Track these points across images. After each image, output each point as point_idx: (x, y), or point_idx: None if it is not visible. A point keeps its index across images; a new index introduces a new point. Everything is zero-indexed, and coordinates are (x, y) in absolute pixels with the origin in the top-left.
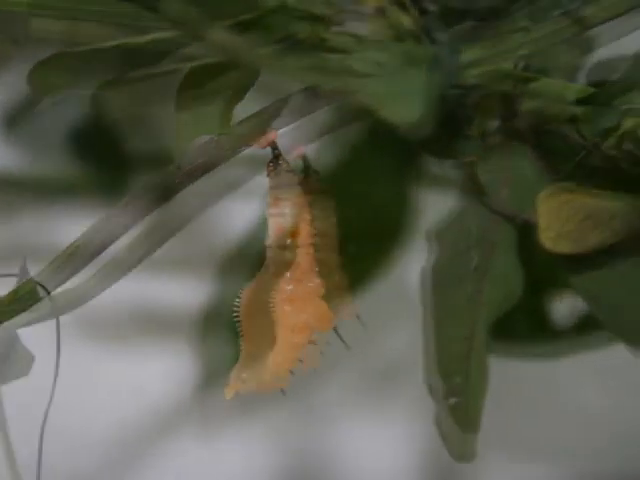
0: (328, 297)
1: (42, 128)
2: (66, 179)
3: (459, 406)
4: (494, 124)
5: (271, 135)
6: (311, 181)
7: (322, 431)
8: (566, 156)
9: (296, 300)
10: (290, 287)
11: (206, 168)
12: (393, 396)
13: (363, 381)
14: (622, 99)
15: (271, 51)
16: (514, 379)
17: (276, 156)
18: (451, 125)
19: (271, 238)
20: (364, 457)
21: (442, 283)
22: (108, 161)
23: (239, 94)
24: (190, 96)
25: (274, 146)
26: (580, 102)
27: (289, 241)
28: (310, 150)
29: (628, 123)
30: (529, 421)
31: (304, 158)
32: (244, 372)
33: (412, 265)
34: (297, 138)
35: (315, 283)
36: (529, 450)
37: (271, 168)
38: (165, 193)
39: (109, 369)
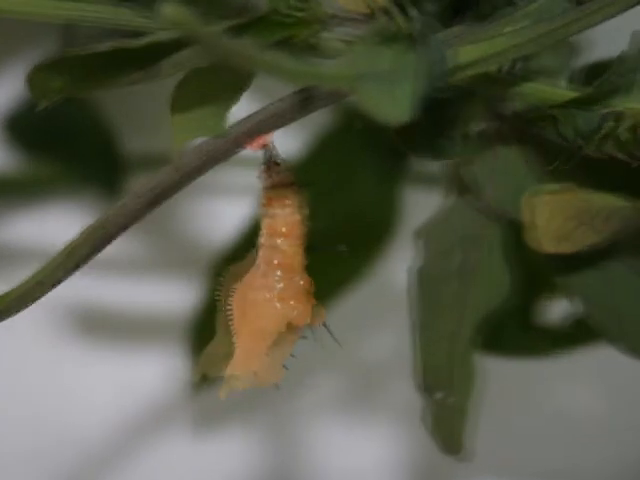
0: (293, 303)
1: (39, 129)
2: (63, 179)
3: (445, 401)
4: (480, 125)
5: (265, 137)
6: (273, 173)
7: (310, 431)
8: (551, 157)
9: (287, 298)
10: (281, 285)
11: (202, 170)
12: (380, 395)
13: (350, 381)
14: (604, 102)
15: (266, 54)
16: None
17: (269, 157)
18: (437, 126)
19: (263, 237)
20: (351, 457)
21: (428, 282)
22: (105, 162)
23: (235, 96)
24: (186, 98)
25: (268, 148)
26: (563, 106)
27: (280, 241)
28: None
29: (609, 126)
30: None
31: (267, 147)
32: (237, 370)
33: (399, 264)
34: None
35: (305, 280)
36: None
37: (265, 169)
38: (161, 194)
39: (101, 369)
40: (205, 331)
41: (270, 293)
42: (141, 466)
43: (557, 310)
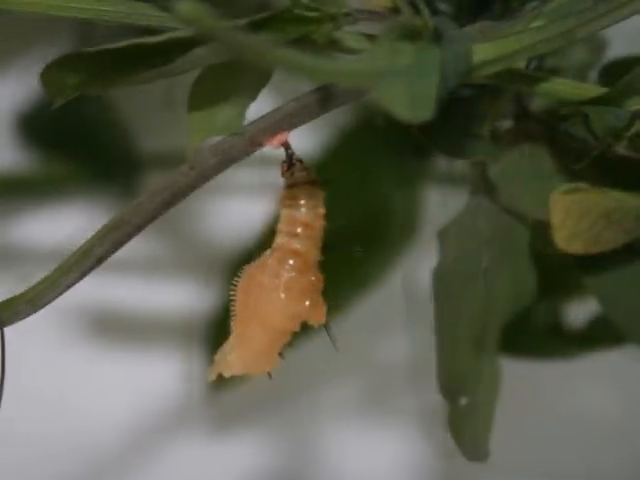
0: (299, 296)
1: (53, 127)
2: (78, 179)
3: (471, 406)
4: (506, 123)
5: (283, 135)
6: (295, 170)
7: (325, 434)
8: (579, 155)
9: (293, 289)
10: (290, 275)
11: (218, 168)
12: (397, 399)
13: (367, 384)
14: (634, 99)
15: (284, 51)
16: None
17: (289, 156)
18: (462, 124)
19: (282, 224)
20: (366, 460)
21: (452, 283)
22: (120, 161)
23: (252, 94)
24: (203, 96)
25: (287, 146)
26: (592, 102)
27: (300, 230)
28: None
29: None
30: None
31: (287, 146)
32: (230, 354)
33: (421, 265)
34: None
35: (317, 277)
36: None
37: (285, 168)
38: (177, 194)
39: (115, 370)
40: (220, 332)
41: (278, 280)
42: (156, 468)
43: (581, 311)
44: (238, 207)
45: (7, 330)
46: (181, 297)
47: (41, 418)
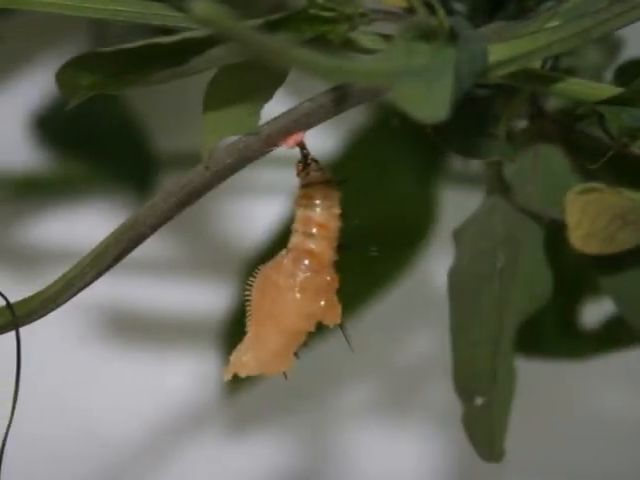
0: (314, 296)
1: (70, 128)
2: (94, 179)
3: (486, 406)
4: (521, 123)
5: (299, 135)
6: (310, 170)
7: (344, 434)
8: (594, 155)
9: (309, 289)
10: (306, 275)
11: (234, 168)
12: (416, 399)
13: (386, 384)
14: None
15: (300, 50)
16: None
17: (305, 156)
18: (477, 124)
19: (298, 224)
20: (385, 460)
21: (468, 283)
22: (136, 161)
23: (267, 94)
24: (218, 96)
25: (302, 146)
26: (607, 102)
27: (315, 230)
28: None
29: None
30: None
31: (302, 146)
32: (245, 354)
33: (437, 265)
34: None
35: (332, 277)
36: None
37: (300, 168)
38: (192, 193)
39: (132, 370)
40: (237, 332)
41: (293, 280)
42: (171, 468)
43: (596, 312)
44: (253, 207)
45: (23, 330)
46: (197, 297)
47: (56, 418)
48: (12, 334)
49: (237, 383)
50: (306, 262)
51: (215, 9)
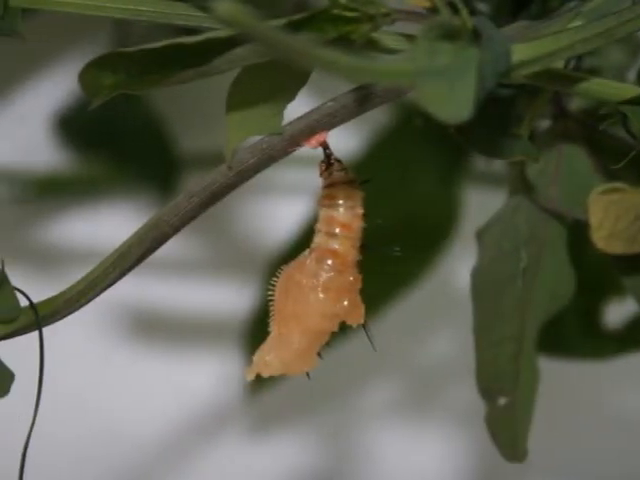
0: (337, 296)
1: (93, 128)
2: (117, 179)
3: (509, 406)
4: (544, 123)
5: (322, 135)
6: (333, 170)
7: (367, 434)
8: (617, 155)
9: (332, 289)
10: (329, 275)
11: (257, 169)
12: (439, 398)
13: (409, 384)
14: None
15: (323, 50)
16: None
17: (328, 156)
18: (500, 124)
19: (321, 224)
20: (407, 460)
21: (490, 283)
22: (159, 161)
23: (290, 94)
24: (242, 96)
25: (325, 146)
26: (630, 102)
27: (338, 230)
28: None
29: None
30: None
31: (325, 146)
32: (269, 354)
33: (460, 265)
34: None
35: (355, 277)
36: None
37: (323, 168)
38: (216, 193)
39: (156, 370)
40: (260, 332)
41: (317, 280)
42: (196, 467)
43: (620, 312)
44: (276, 207)
45: (46, 329)
46: (220, 297)
47: (80, 417)
48: (35, 334)
49: (260, 383)
50: (329, 262)
51: (238, 9)
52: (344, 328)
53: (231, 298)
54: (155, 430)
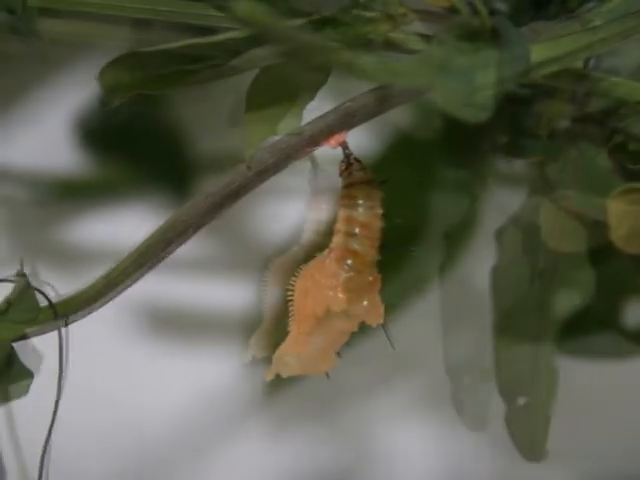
0: (357, 296)
1: (110, 131)
2: (134, 181)
3: (529, 406)
4: (564, 123)
5: (342, 135)
6: (353, 170)
7: (383, 434)
8: (636, 155)
9: (352, 289)
10: (349, 275)
11: (276, 168)
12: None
13: (426, 384)
14: None
15: (343, 51)
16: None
17: (347, 156)
18: (520, 124)
19: (340, 224)
20: (421, 459)
21: (510, 283)
22: (175, 163)
23: (310, 94)
24: (260, 96)
25: (345, 146)
26: None
27: (358, 230)
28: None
29: None
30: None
31: (344, 146)
32: (287, 355)
33: (479, 265)
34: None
35: (374, 277)
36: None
37: (343, 168)
38: (235, 192)
39: (169, 366)
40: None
41: (336, 280)
42: (212, 463)
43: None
44: (287, 209)
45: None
46: (233, 295)
47: (97, 412)
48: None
49: (279, 382)
50: (349, 262)
51: (257, 8)
52: (364, 327)
53: (242, 296)
54: (167, 426)
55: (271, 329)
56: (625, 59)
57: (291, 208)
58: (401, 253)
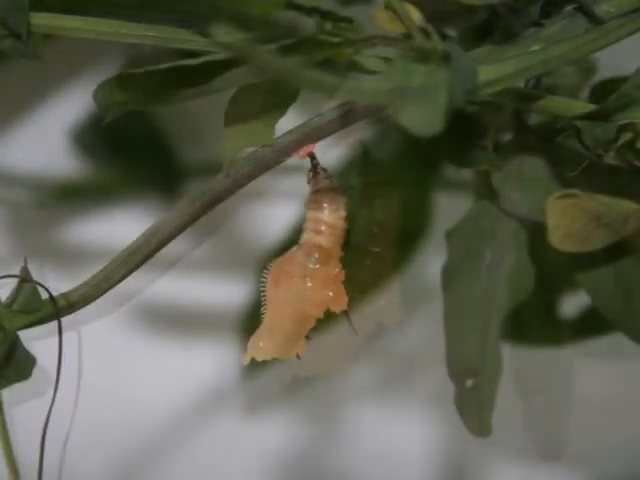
0: (323, 286)
1: (105, 139)
2: (127, 185)
3: (476, 387)
4: (507, 136)
5: (309, 147)
6: (319, 178)
7: (349, 416)
8: (572, 165)
9: (318, 279)
10: (316, 267)
11: (251, 176)
12: (414, 383)
13: (387, 370)
14: (620, 114)
15: (311, 72)
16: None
17: (314, 165)
18: (468, 137)
19: (308, 223)
20: (387, 441)
21: (459, 278)
22: (165, 169)
23: (281, 110)
24: (238, 112)
25: (312, 156)
26: (583, 117)
27: (324, 228)
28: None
29: (626, 136)
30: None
31: (312, 156)
32: (262, 340)
33: (432, 262)
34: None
35: (338, 270)
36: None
37: (310, 176)
38: (214, 199)
39: (159, 359)
40: (254, 322)
41: (305, 270)
42: (194, 444)
43: (573, 303)
44: (270, 211)
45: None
46: (220, 292)
47: (88, 403)
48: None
49: (254, 367)
50: (316, 255)
51: (235, 35)
52: (328, 317)
53: (228, 293)
54: (158, 411)
55: (271, 330)
56: (561, 79)
57: (286, 209)
58: (364, 250)
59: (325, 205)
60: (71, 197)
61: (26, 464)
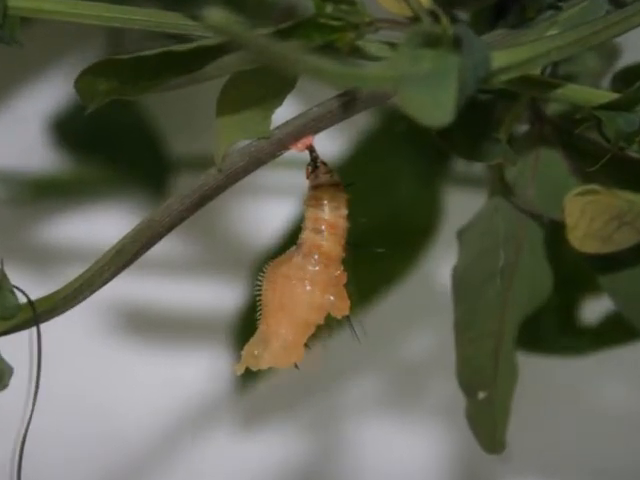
0: (324, 289)
1: (87, 131)
2: (111, 181)
3: (489, 399)
4: (522, 128)
5: (308, 139)
6: (319, 173)
7: (350, 428)
8: (592, 158)
9: (319, 282)
10: (315, 269)
11: (246, 171)
12: (422, 393)
13: (392, 379)
14: None
15: (309, 57)
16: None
17: (314, 159)
18: (480, 128)
19: (307, 222)
20: (390, 454)
21: (470, 281)
22: (151, 163)
23: (278, 99)
24: (231, 101)
25: (311, 149)
26: (604, 107)
27: (324, 227)
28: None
29: None
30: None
31: (311, 149)
32: (257, 348)
33: (441, 264)
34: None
35: (340, 272)
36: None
37: (310, 171)
38: (206, 195)
39: (148, 365)
40: (249, 328)
41: (304, 273)
42: (186, 459)
43: (595, 309)
44: (265, 209)
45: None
46: (212, 295)
47: (77, 410)
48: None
49: (249, 377)
50: (316, 257)
51: (228, 18)
52: (329, 324)
53: (220, 296)
54: (146, 424)
55: (267, 337)
56: (580, 65)
57: (283, 206)
58: (367, 251)
59: (325, 202)
60: (49, 193)
61: None
